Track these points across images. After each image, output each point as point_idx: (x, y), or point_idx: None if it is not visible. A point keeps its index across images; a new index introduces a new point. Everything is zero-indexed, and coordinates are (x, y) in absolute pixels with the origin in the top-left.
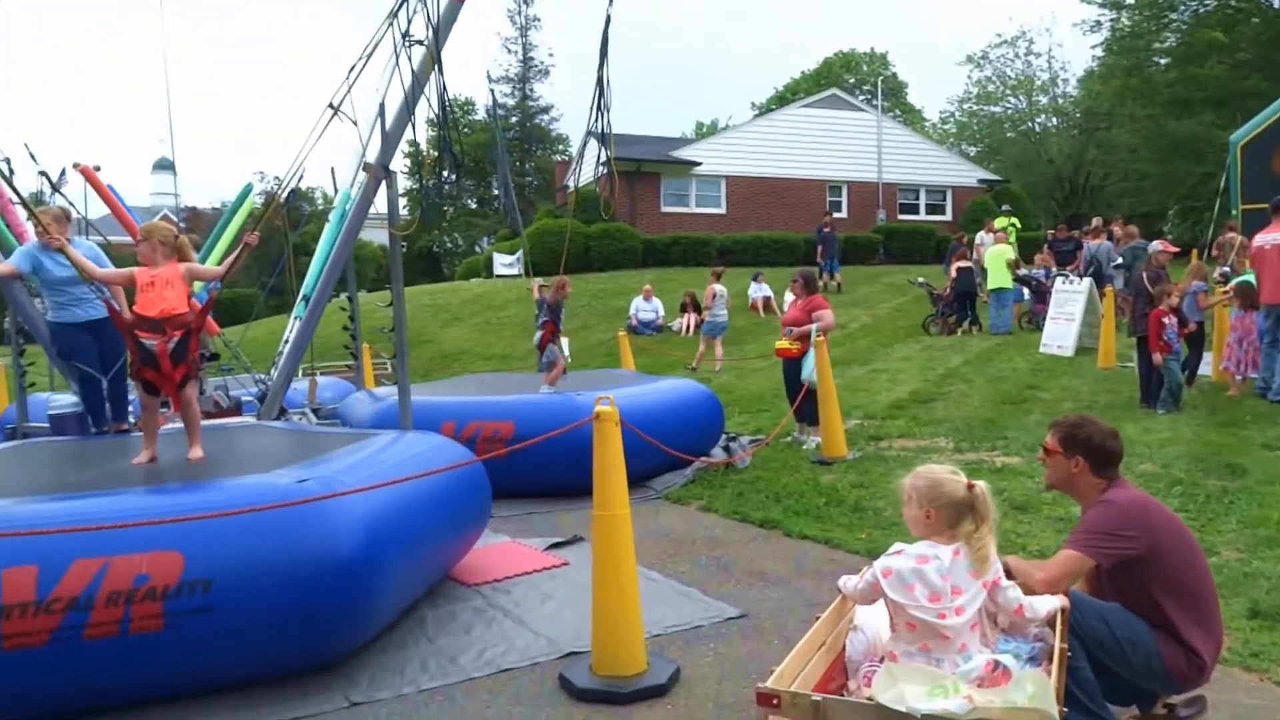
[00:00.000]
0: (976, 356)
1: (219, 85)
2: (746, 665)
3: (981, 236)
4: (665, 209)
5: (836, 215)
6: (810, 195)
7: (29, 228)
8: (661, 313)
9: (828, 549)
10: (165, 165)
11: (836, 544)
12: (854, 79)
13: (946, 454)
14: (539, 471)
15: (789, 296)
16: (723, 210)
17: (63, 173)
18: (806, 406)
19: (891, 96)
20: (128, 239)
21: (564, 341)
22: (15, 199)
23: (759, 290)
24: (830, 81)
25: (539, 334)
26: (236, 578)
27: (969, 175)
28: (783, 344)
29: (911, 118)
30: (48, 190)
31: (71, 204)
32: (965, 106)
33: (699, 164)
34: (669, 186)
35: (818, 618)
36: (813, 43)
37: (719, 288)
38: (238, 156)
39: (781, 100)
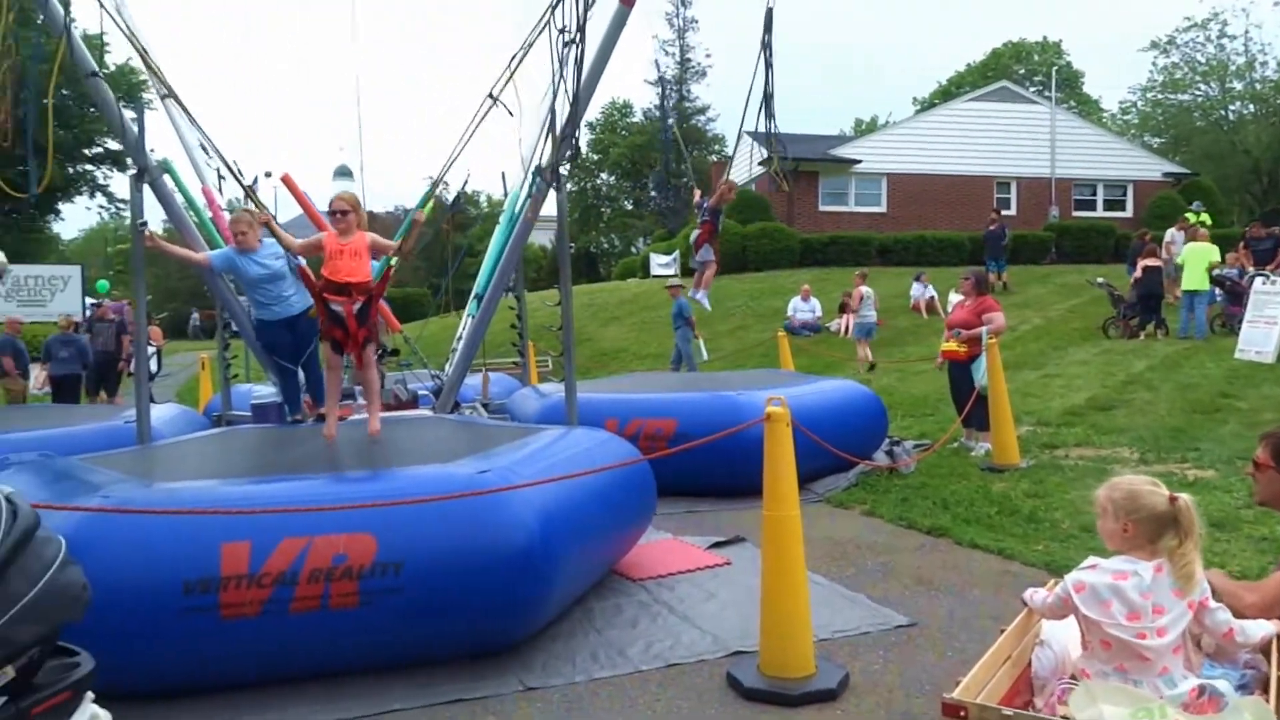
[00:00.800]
0: (1162, 362)
1: (394, 92)
2: (918, 675)
3: (1172, 234)
4: (823, 208)
5: (1005, 213)
6: (977, 192)
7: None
8: (819, 313)
9: (1001, 560)
10: (344, 172)
11: (1010, 555)
12: (1024, 70)
13: (1130, 465)
14: (700, 470)
15: (953, 297)
16: (883, 209)
17: (255, 180)
18: (976, 411)
19: (1066, 87)
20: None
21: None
22: (225, 209)
23: (922, 291)
24: (999, 73)
25: (696, 233)
26: (424, 561)
27: (1153, 169)
28: (949, 346)
29: (1088, 109)
30: (242, 197)
31: (264, 208)
32: (1149, 95)
33: (859, 161)
34: (827, 185)
35: (1002, 630)
36: (979, 34)
37: (867, 289)
38: (412, 162)
39: (946, 94)
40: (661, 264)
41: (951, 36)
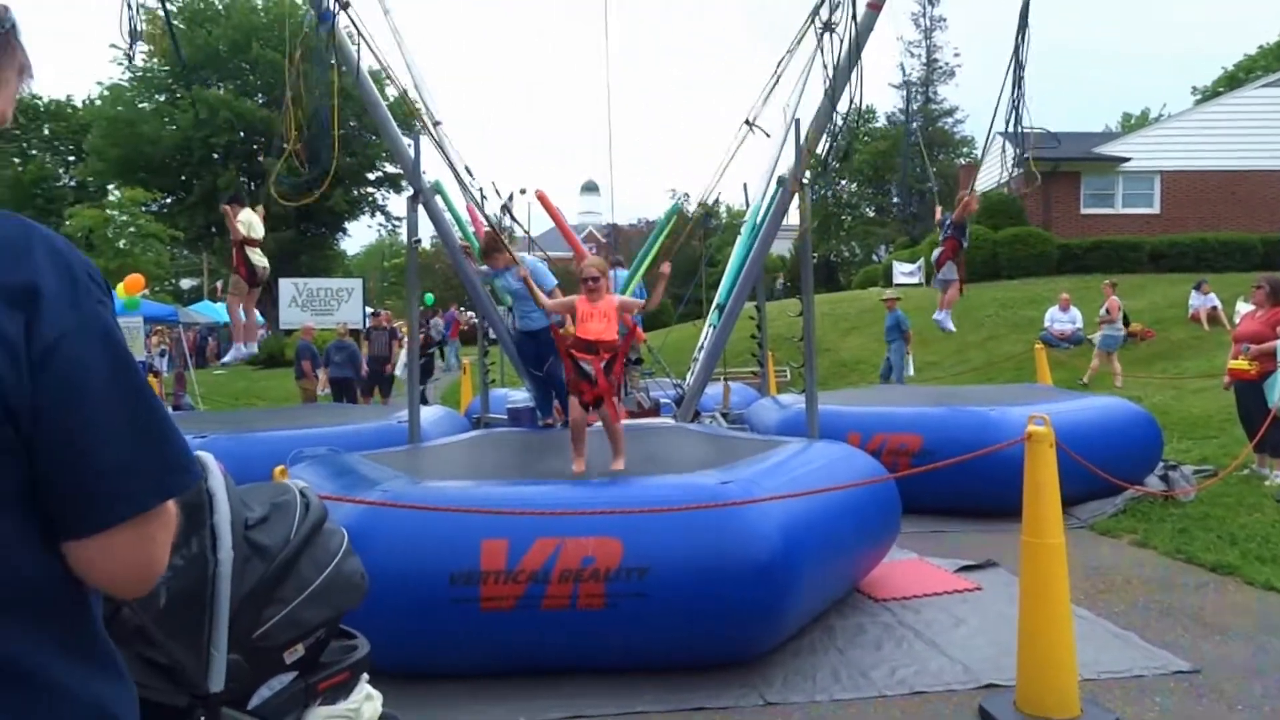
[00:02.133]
0: None
1: (638, 106)
2: None
3: None
4: (1085, 210)
5: None
6: (1270, 189)
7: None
8: (1080, 323)
9: None
10: (591, 188)
11: None
12: None
13: None
14: (948, 488)
15: (1241, 307)
16: (1156, 210)
17: (511, 196)
18: (1271, 435)
19: None
20: (566, 254)
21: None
22: (487, 226)
23: (1202, 300)
24: None
25: (938, 250)
26: (667, 568)
27: None
28: (1237, 364)
29: None
30: (500, 213)
31: (517, 222)
32: None
33: (1127, 159)
34: (1090, 186)
35: None
36: (1273, 13)
37: (1118, 299)
38: (655, 175)
39: (1231, 82)
40: (905, 272)
41: (1238, 18)
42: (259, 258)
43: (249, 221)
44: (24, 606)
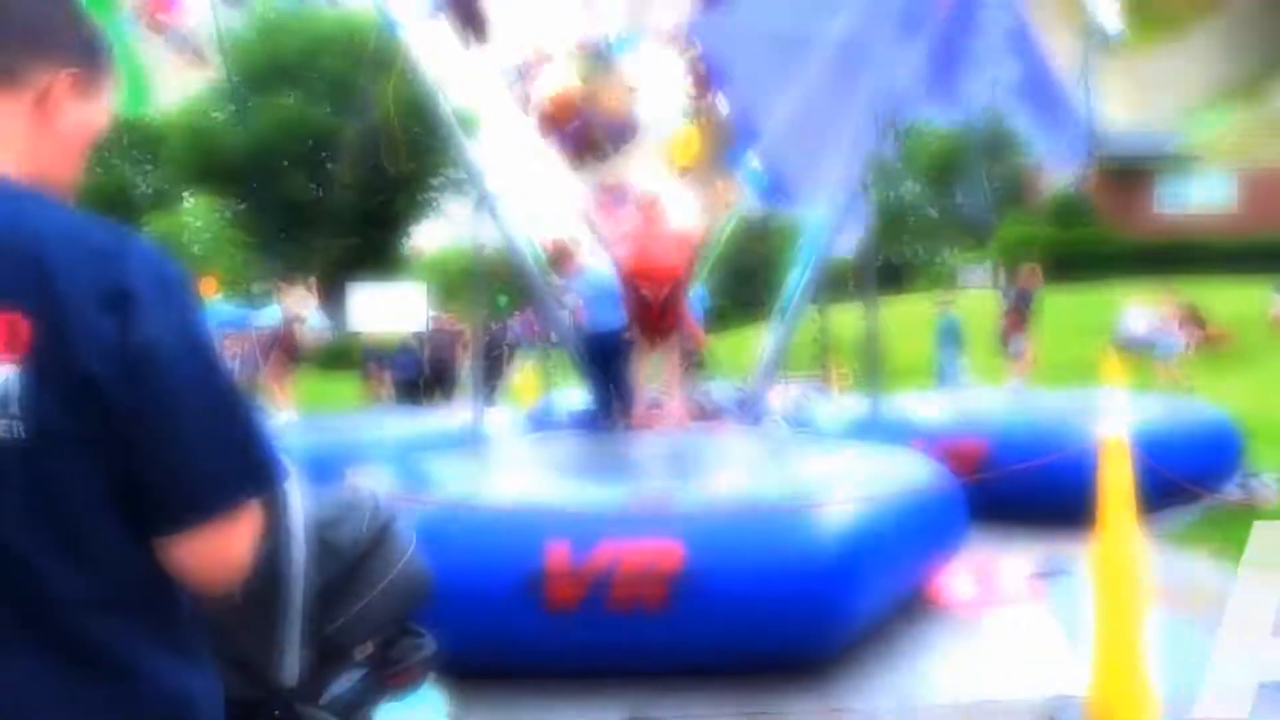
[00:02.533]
0: None
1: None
2: None
3: None
4: (1158, 209)
5: None
6: None
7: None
8: (1153, 326)
9: None
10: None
11: None
12: None
13: None
14: (1015, 494)
15: None
16: (1235, 208)
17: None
18: None
19: None
20: None
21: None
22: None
23: None
24: None
25: (1003, 322)
26: (729, 572)
27: None
28: None
29: None
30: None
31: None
32: None
33: (1202, 156)
34: (1164, 184)
35: None
36: None
37: (1177, 306)
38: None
39: None
40: (971, 274)
41: None
42: (305, 334)
43: (300, 300)
44: (121, 601)
